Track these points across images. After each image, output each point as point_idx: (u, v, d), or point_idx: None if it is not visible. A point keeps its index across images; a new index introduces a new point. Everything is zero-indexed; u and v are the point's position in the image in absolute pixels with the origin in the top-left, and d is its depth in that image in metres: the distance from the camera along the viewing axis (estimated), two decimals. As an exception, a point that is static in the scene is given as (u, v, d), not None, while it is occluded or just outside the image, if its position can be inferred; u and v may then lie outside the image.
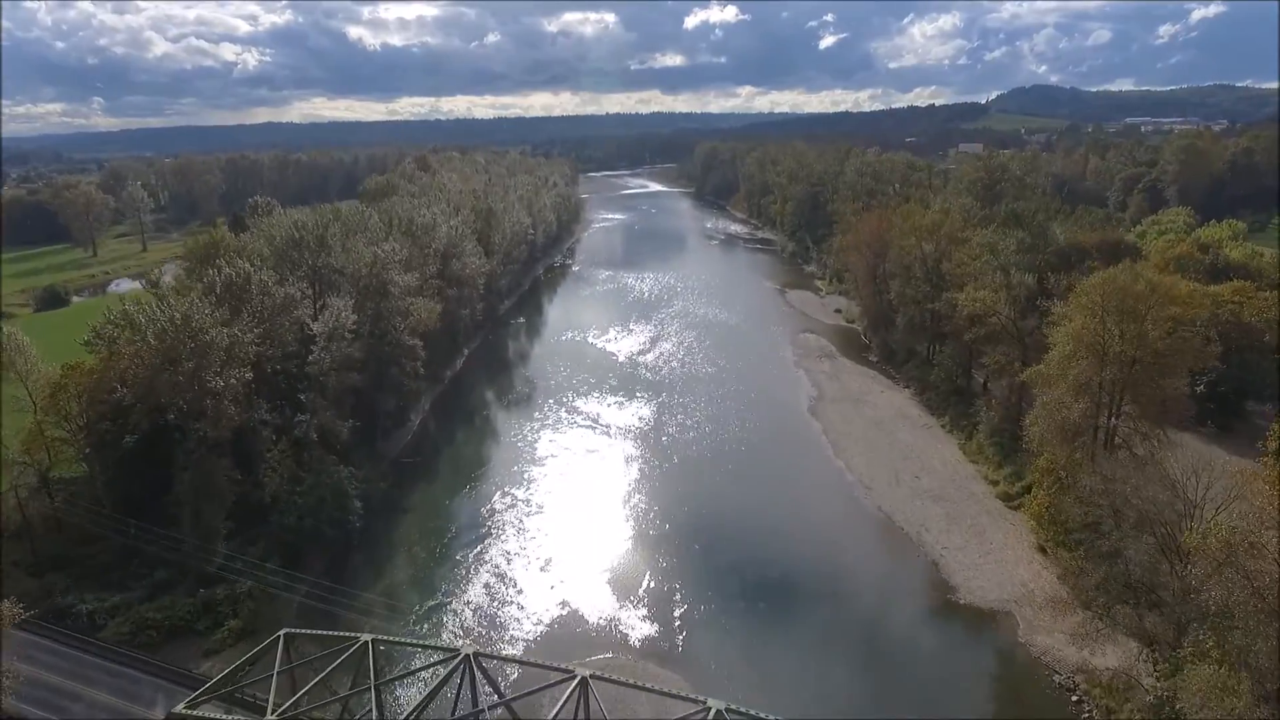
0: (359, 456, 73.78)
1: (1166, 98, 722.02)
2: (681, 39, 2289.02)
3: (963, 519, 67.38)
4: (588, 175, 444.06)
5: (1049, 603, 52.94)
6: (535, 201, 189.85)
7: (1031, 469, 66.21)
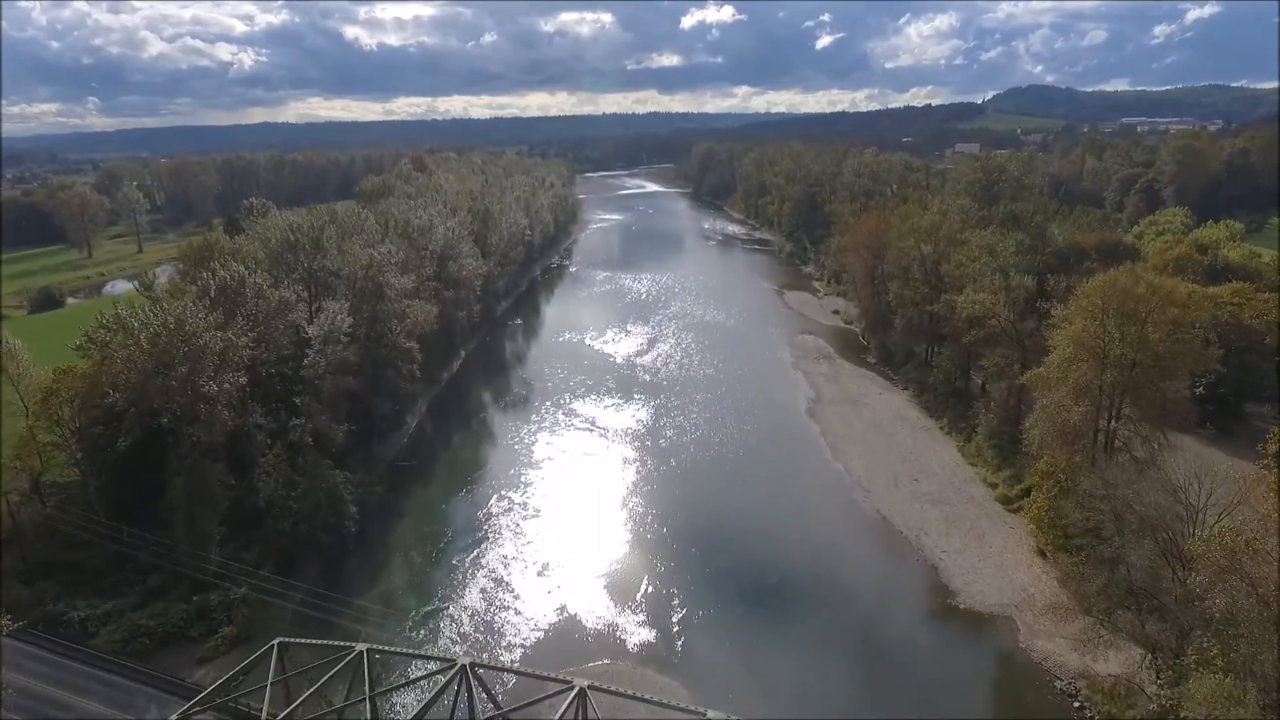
0: (355, 460, 73.33)
1: (1162, 98, 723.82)
2: (678, 39, 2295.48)
3: (962, 522, 67.11)
4: (585, 176, 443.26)
5: (1050, 608, 52.72)
6: (532, 202, 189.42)
7: (1031, 472, 65.97)
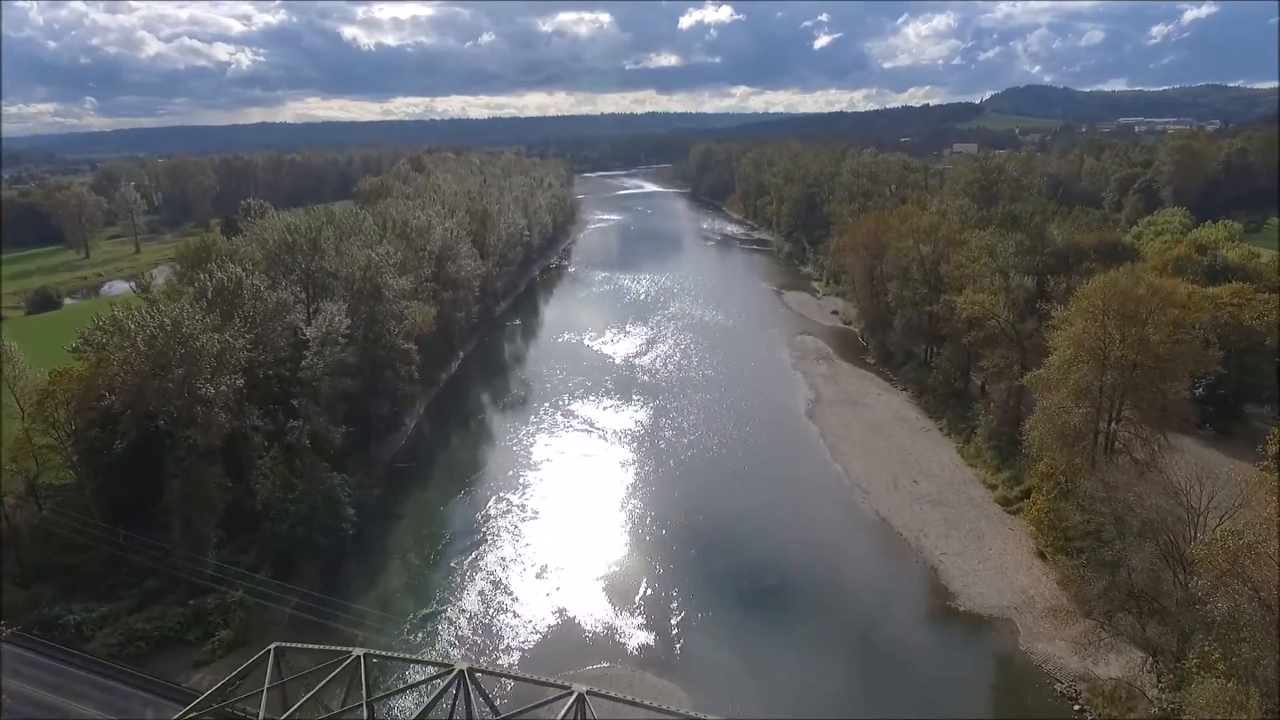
0: (353, 462, 73.09)
1: (1159, 98, 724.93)
2: (676, 39, 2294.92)
3: (961, 524, 66.94)
4: (583, 176, 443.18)
5: (1050, 610, 52.55)
6: (531, 203, 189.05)
7: (1031, 474, 65.83)
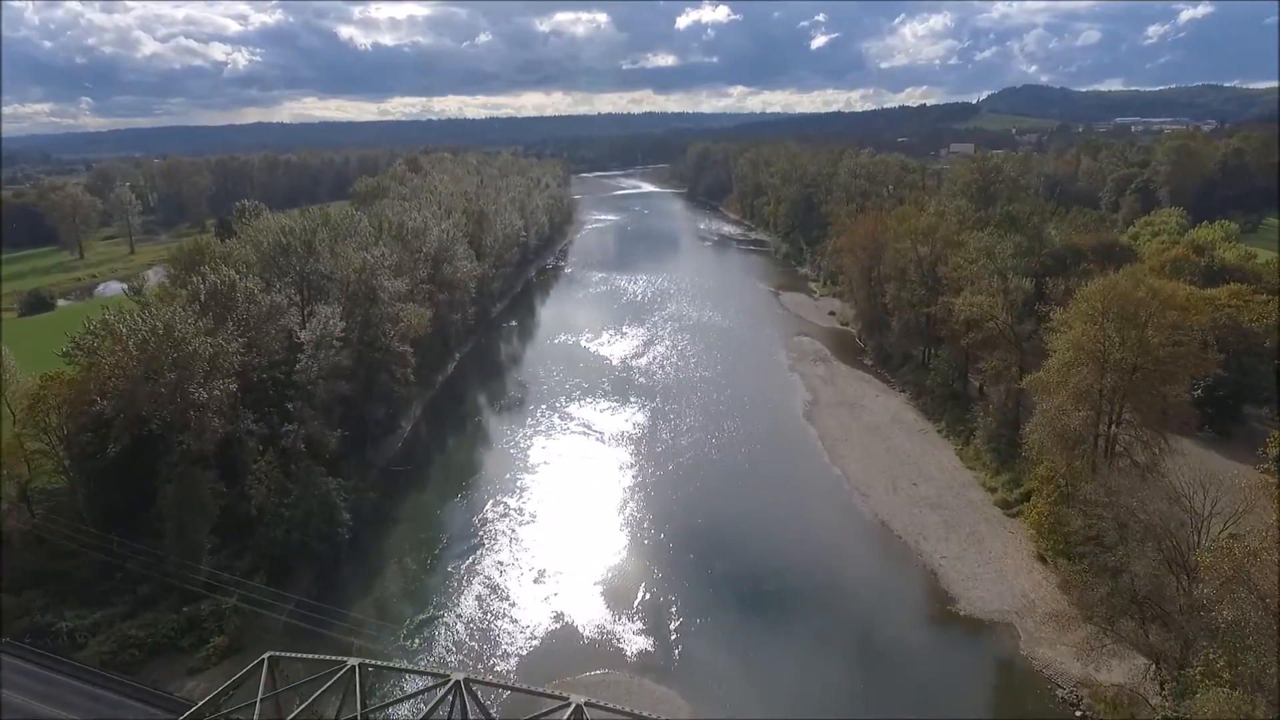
0: (348, 465, 72.56)
1: (1155, 98, 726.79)
2: (673, 39, 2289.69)
3: (961, 527, 66.62)
4: (580, 176, 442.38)
5: (1051, 615, 52.19)
6: (527, 203, 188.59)
7: (1031, 477, 65.49)
